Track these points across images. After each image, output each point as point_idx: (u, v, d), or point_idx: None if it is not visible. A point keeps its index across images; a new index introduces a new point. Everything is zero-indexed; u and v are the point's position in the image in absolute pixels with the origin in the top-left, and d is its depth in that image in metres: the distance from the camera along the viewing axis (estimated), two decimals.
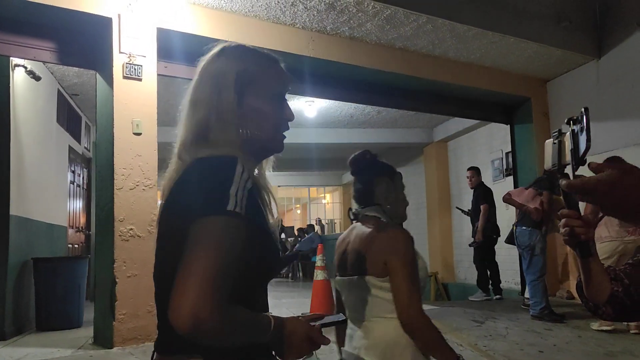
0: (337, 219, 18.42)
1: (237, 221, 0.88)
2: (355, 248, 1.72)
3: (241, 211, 0.89)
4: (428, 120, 9.64)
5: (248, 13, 4.79)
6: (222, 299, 0.84)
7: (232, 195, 0.89)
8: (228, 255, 0.86)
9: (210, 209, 0.88)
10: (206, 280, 0.82)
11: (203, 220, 0.87)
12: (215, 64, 1.08)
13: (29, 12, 4.07)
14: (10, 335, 4.67)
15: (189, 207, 0.91)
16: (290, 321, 1.00)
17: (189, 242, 0.86)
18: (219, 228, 0.87)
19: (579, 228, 1.07)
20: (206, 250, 0.85)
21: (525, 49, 5.85)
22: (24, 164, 5.20)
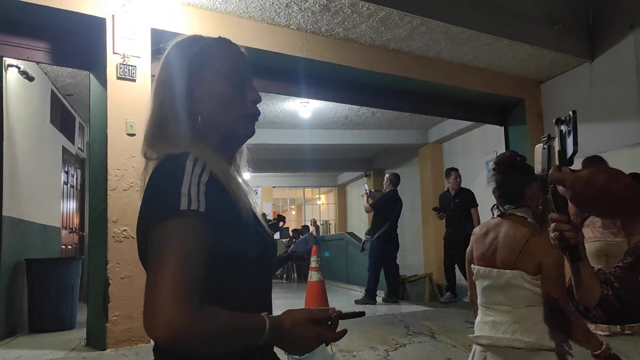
0: (332, 220, 18.43)
1: (194, 219, 0.84)
2: (509, 245, 1.96)
3: (198, 207, 0.85)
4: (423, 122, 9.66)
5: (242, 14, 4.79)
6: (194, 303, 0.80)
7: (184, 193, 0.84)
8: (191, 257, 0.82)
9: (164, 213, 0.84)
10: (173, 288, 0.78)
11: (159, 226, 0.84)
12: (168, 56, 1.06)
13: (22, 12, 4.05)
14: (2, 337, 4.65)
15: (147, 214, 0.89)
16: (287, 315, 0.95)
17: (150, 251, 0.84)
18: (175, 230, 0.83)
19: (568, 232, 1.08)
20: (166, 257, 0.81)
21: (519, 51, 5.87)
22: (17, 164, 5.18)
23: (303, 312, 0.96)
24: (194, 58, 1.04)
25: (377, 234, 6.82)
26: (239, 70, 1.06)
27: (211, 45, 1.07)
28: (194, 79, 1.02)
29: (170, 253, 0.81)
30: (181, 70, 1.02)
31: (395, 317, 5.38)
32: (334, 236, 13.39)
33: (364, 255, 8.19)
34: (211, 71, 1.04)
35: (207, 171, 0.90)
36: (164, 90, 1.02)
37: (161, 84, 1.03)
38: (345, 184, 16.96)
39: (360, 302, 6.69)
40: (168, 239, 0.82)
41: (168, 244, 0.82)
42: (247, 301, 0.97)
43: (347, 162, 13.70)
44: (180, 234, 0.83)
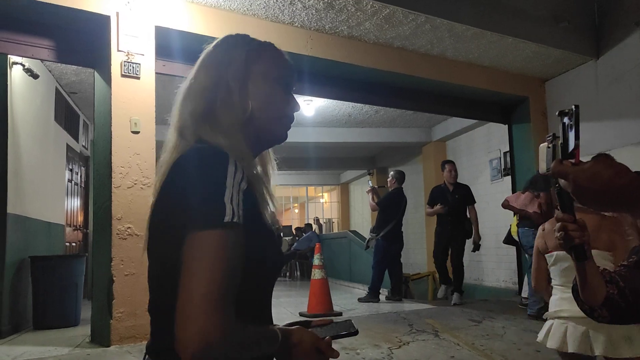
0: (335, 218, 18.43)
1: (235, 232, 0.83)
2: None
3: (239, 220, 0.84)
4: (427, 120, 9.65)
5: (246, 12, 4.78)
6: (230, 318, 0.80)
7: (228, 203, 0.83)
8: (230, 272, 0.81)
9: (206, 222, 0.82)
10: (212, 301, 0.78)
11: (199, 235, 0.81)
12: (222, 47, 1.06)
13: (27, 10, 4.06)
14: (7, 334, 4.66)
15: (181, 215, 0.85)
16: (297, 332, 0.96)
17: (187, 259, 0.81)
18: (218, 243, 0.81)
19: (574, 232, 1.07)
20: (207, 270, 0.79)
21: (523, 48, 5.85)
22: (22, 162, 5.19)
23: (310, 337, 0.96)
24: (252, 52, 1.05)
25: (383, 232, 6.81)
26: (288, 77, 1.08)
27: (267, 47, 1.09)
28: (250, 71, 1.03)
29: (211, 265, 0.80)
30: (239, 59, 1.03)
31: (398, 315, 5.38)
32: (337, 234, 13.39)
33: (366, 254, 8.19)
34: (265, 69, 1.05)
35: (245, 178, 0.89)
36: (220, 72, 1.02)
37: (217, 66, 1.03)
38: (348, 182, 16.95)
39: (364, 300, 6.69)
40: (211, 250, 0.80)
41: (210, 255, 0.80)
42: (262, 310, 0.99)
43: (351, 160, 13.69)
44: (224, 247, 0.81)
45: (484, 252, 8.82)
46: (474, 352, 3.88)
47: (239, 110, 0.99)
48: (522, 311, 5.49)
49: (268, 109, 1.03)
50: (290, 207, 20.70)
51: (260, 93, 1.03)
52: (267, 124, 1.04)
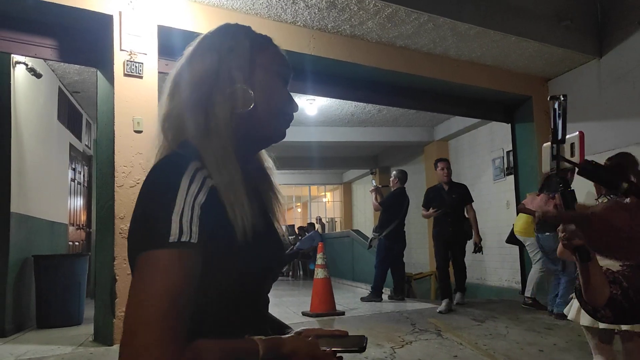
0: (338, 217, 18.43)
1: (183, 251, 0.75)
2: None
3: (190, 238, 0.75)
4: (429, 119, 9.64)
5: (249, 11, 4.78)
6: (180, 343, 0.72)
7: (175, 220, 0.75)
8: (179, 297, 0.73)
9: (151, 242, 0.75)
10: (156, 325, 0.70)
11: (142, 257, 0.75)
12: (222, 34, 0.98)
13: (30, 10, 4.07)
14: (11, 332, 4.68)
15: (133, 234, 0.80)
16: (291, 341, 0.87)
17: (132, 282, 0.75)
18: (161, 263, 0.73)
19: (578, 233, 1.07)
20: (150, 296, 0.72)
21: (526, 47, 5.84)
22: (25, 161, 5.20)
23: (307, 346, 0.88)
24: (255, 41, 0.98)
25: (385, 232, 6.81)
26: (287, 74, 1.02)
27: (268, 39, 1.02)
28: (253, 60, 0.96)
29: (155, 287, 0.72)
30: (243, 47, 0.95)
31: (401, 315, 5.37)
32: (340, 234, 13.38)
33: (369, 253, 8.19)
34: (268, 62, 0.98)
35: (206, 188, 0.81)
36: (221, 59, 0.93)
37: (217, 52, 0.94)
38: (351, 181, 16.95)
39: (366, 300, 6.69)
40: (152, 271, 0.73)
41: (152, 276, 0.73)
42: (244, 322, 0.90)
43: (353, 159, 13.69)
44: (167, 267, 0.73)
45: (486, 251, 8.80)
46: (477, 351, 3.87)
47: (240, 101, 0.91)
48: (525, 310, 5.49)
49: (271, 103, 0.96)
50: (293, 207, 20.71)
51: (263, 85, 0.95)
52: (269, 118, 0.96)
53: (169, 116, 0.93)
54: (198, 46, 0.97)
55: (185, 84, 0.93)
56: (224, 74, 0.92)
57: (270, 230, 0.99)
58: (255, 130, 0.95)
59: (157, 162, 0.86)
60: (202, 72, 0.92)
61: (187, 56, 0.96)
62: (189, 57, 0.96)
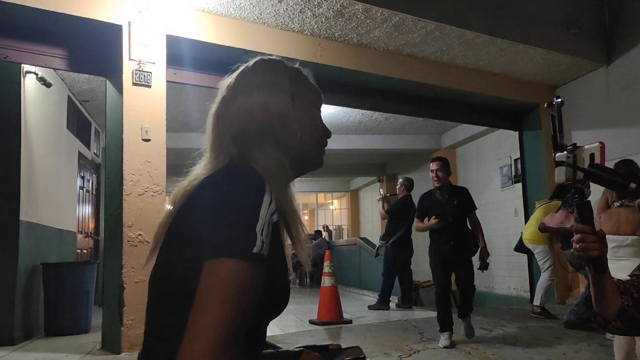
0: (345, 225, 18.39)
1: (260, 265, 0.79)
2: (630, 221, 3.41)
3: (265, 252, 0.80)
4: (436, 127, 9.63)
5: (257, 20, 4.81)
6: (239, 348, 0.76)
7: (259, 233, 0.79)
8: (247, 307, 0.77)
9: (234, 250, 0.77)
10: (223, 342, 0.73)
11: (223, 262, 0.76)
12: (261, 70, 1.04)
13: (40, 20, 4.11)
14: (19, 340, 4.69)
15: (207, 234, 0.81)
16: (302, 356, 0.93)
17: (203, 287, 0.76)
18: (242, 274, 0.76)
19: (593, 244, 1.06)
20: (223, 303, 0.75)
21: (534, 55, 5.83)
22: (34, 169, 5.24)
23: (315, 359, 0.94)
24: (294, 77, 1.04)
25: (392, 240, 6.79)
26: (320, 103, 1.09)
27: (302, 71, 1.08)
28: (294, 94, 1.02)
29: (230, 295, 0.75)
30: (284, 83, 1.01)
31: (409, 323, 5.35)
32: (347, 241, 13.36)
33: (376, 261, 8.16)
34: (306, 92, 1.05)
35: (276, 209, 0.85)
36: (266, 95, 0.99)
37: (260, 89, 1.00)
38: (358, 189, 16.93)
39: (374, 308, 6.67)
40: (231, 279, 0.76)
41: (229, 284, 0.75)
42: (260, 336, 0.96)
43: (360, 167, 13.68)
44: (246, 278, 0.77)
45: (494, 259, 8.73)
46: None
47: (293, 134, 0.98)
48: (533, 319, 5.44)
49: (313, 133, 1.03)
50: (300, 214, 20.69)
51: (306, 117, 1.02)
52: (312, 148, 1.04)
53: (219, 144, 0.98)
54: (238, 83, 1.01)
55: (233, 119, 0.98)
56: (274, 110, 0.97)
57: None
58: (302, 159, 1.02)
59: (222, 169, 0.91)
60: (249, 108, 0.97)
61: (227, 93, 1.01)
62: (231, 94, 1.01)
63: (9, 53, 4.11)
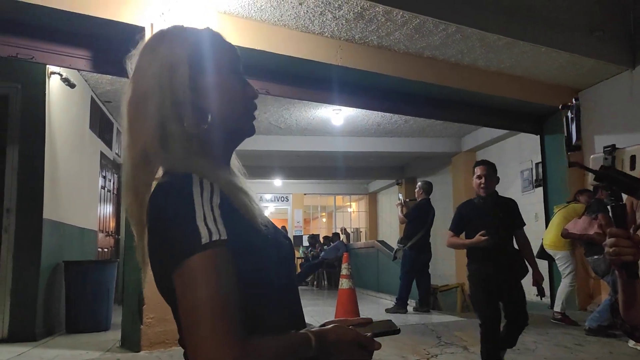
0: (363, 227, 18.35)
1: (220, 251, 0.77)
2: None
3: (220, 236, 0.77)
4: (457, 130, 9.56)
5: (277, 22, 4.83)
6: (241, 339, 0.75)
7: (201, 224, 0.77)
8: (226, 292, 0.76)
9: (185, 251, 0.76)
10: (216, 328, 0.73)
11: (182, 265, 0.76)
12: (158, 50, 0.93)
13: (65, 21, 4.18)
14: (41, 337, 4.77)
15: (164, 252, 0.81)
16: (335, 329, 0.90)
17: (179, 295, 0.77)
18: (202, 267, 0.75)
19: (628, 248, 1.03)
20: (200, 297, 0.74)
21: (556, 58, 5.76)
22: (58, 169, 5.33)
23: (350, 333, 0.91)
24: (193, 48, 0.93)
25: (410, 243, 6.75)
26: (237, 63, 0.98)
27: (208, 36, 0.98)
28: (197, 71, 0.91)
29: (203, 292, 0.75)
30: (180, 63, 0.90)
31: (426, 327, 5.31)
32: (365, 244, 13.32)
33: (394, 264, 8.13)
34: (214, 62, 0.94)
35: (217, 191, 0.82)
36: (163, 83, 0.89)
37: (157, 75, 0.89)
38: (376, 191, 16.87)
39: (391, 311, 6.63)
40: (197, 277, 0.75)
41: (198, 283, 0.75)
42: (281, 318, 0.92)
43: (379, 170, 13.64)
44: (209, 270, 0.76)
45: None
46: None
47: (194, 122, 0.89)
48: (554, 326, 5.36)
49: (230, 107, 0.94)
50: (318, 216, 20.70)
51: (217, 94, 0.92)
52: (234, 123, 0.95)
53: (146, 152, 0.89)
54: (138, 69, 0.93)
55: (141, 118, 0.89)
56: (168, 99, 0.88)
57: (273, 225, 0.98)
58: (225, 136, 0.94)
59: (157, 186, 0.86)
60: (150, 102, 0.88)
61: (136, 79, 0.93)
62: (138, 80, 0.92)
63: (35, 54, 4.19)
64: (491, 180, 3.84)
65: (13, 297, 4.71)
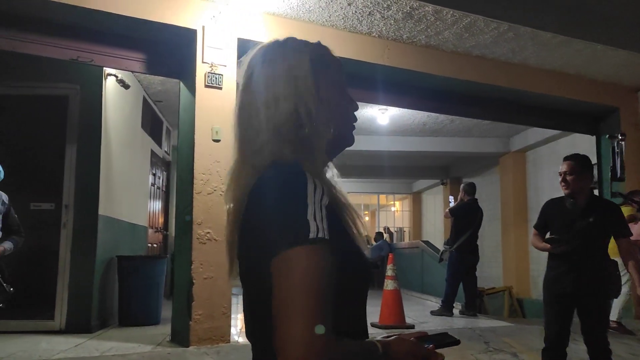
0: (406, 227, 18.18)
1: (323, 248, 0.80)
2: None
3: (325, 235, 0.81)
4: (505, 130, 9.34)
5: (325, 23, 4.85)
6: (330, 341, 0.76)
7: (311, 219, 0.81)
8: (324, 290, 0.78)
9: (292, 241, 0.79)
10: (309, 323, 0.75)
11: (286, 254, 0.79)
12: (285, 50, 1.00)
13: (122, 26, 4.32)
14: (96, 329, 4.96)
15: (268, 236, 0.84)
16: (397, 342, 0.92)
17: (277, 281, 0.79)
18: (308, 260, 0.78)
19: None
20: (300, 291, 0.77)
21: (613, 56, 5.54)
22: (112, 167, 5.52)
23: (413, 345, 0.92)
24: (316, 59, 0.99)
25: (457, 244, 6.65)
26: (343, 77, 1.05)
27: (323, 49, 1.04)
28: (319, 79, 0.97)
29: (301, 283, 0.77)
30: (306, 69, 0.97)
31: (473, 332, 5.22)
32: (409, 244, 13.21)
33: (439, 265, 8.02)
34: (331, 76, 1.00)
35: (327, 194, 0.86)
36: (288, 84, 0.95)
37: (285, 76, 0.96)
38: (420, 191, 16.69)
39: (437, 314, 6.55)
40: (299, 266, 0.78)
41: (298, 273, 0.78)
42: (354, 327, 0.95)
43: (424, 169, 13.49)
44: (312, 263, 0.78)
45: None
46: None
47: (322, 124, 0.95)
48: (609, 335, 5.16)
49: (342, 117, 1.01)
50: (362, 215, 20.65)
51: (333, 104, 0.98)
52: (342, 131, 1.01)
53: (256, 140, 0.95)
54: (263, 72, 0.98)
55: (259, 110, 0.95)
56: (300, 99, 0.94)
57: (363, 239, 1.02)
58: (335, 141, 0.99)
59: (267, 178, 0.90)
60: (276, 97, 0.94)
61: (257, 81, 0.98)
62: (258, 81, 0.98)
63: (94, 57, 4.36)
64: (577, 178, 3.25)
65: (70, 290, 4.92)
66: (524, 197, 9.79)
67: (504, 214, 10.19)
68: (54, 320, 4.88)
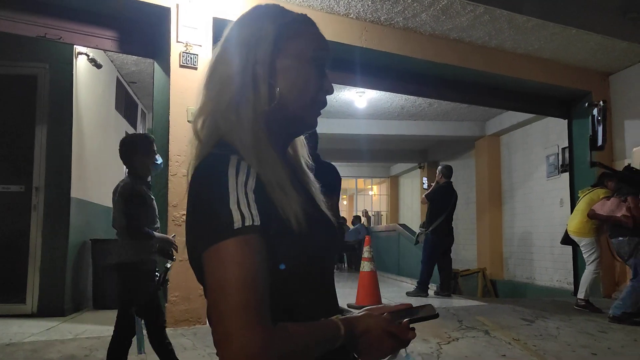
0: (384, 211, 18.32)
1: (251, 235, 0.76)
2: None
3: (253, 222, 0.77)
4: (481, 114, 9.43)
5: (302, 3, 4.80)
6: (267, 325, 0.74)
7: (234, 208, 0.77)
8: (256, 279, 0.75)
9: (217, 235, 0.76)
10: (242, 311, 0.73)
11: (211, 250, 0.76)
12: (250, 21, 0.94)
13: (93, 2, 4.22)
14: (69, 312, 4.91)
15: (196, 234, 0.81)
16: (363, 319, 0.88)
17: (207, 278, 0.77)
18: (233, 251, 0.75)
19: None
20: (229, 284, 0.74)
21: (587, 40, 5.61)
22: (84, 148, 5.42)
23: (380, 322, 0.88)
24: (283, 28, 0.93)
25: (432, 227, 6.73)
26: (324, 58, 0.97)
27: (302, 21, 0.97)
28: (280, 49, 0.91)
29: (232, 275, 0.74)
30: (268, 37, 0.91)
31: (447, 311, 5.31)
32: (386, 227, 13.32)
33: (415, 248, 8.12)
34: (300, 48, 0.93)
35: (253, 175, 0.81)
36: (247, 54, 0.90)
37: (243, 45, 0.91)
38: (398, 175, 16.80)
39: (412, 294, 6.64)
40: (226, 261, 0.75)
41: (226, 267, 0.75)
42: (315, 306, 0.90)
43: (402, 153, 13.56)
44: (239, 254, 0.75)
45: (536, 250, 8.57)
46: (526, 351, 3.78)
47: (264, 100, 0.88)
48: (577, 312, 5.31)
49: (299, 95, 0.92)
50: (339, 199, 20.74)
51: (291, 77, 0.91)
52: (297, 111, 0.93)
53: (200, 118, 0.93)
54: (226, 39, 0.94)
55: (214, 84, 0.92)
56: (248, 70, 0.89)
57: (320, 213, 0.97)
58: (285, 122, 0.93)
59: (199, 164, 0.86)
60: (229, 70, 0.90)
61: (218, 50, 0.94)
62: (219, 52, 0.94)
63: (63, 34, 4.24)
64: None
65: (42, 274, 4.84)
66: (498, 180, 9.93)
67: (479, 197, 10.33)
68: (26, 304, 4.80)
